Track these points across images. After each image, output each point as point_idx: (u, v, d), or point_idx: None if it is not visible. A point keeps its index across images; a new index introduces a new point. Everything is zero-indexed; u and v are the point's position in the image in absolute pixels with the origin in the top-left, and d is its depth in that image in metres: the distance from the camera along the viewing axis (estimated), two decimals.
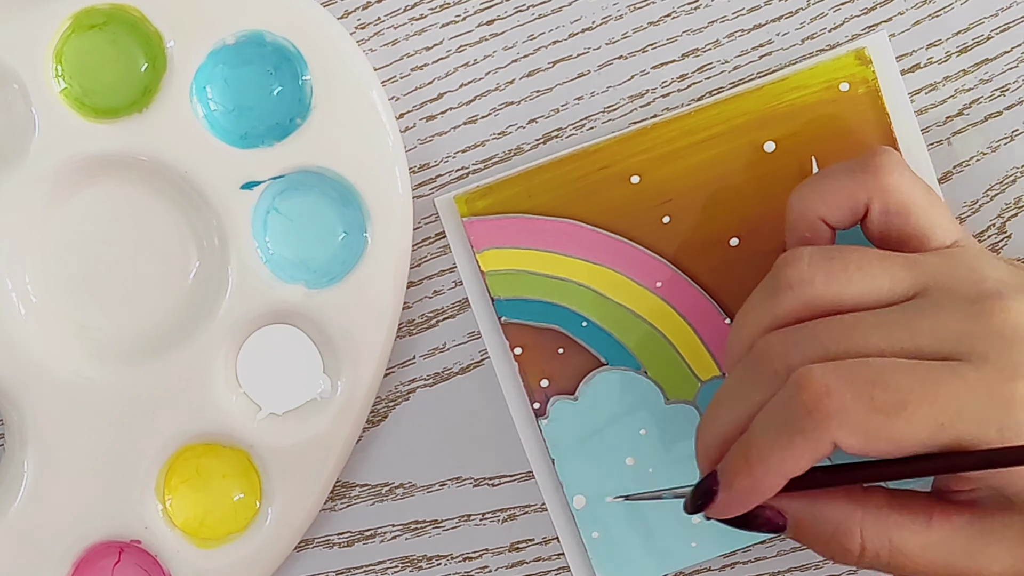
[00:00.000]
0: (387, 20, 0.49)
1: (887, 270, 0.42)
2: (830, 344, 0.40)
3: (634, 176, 0.48)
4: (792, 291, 0.42)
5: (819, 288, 0.42)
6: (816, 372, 0.39)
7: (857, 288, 0.41)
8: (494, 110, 0.49)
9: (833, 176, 0.44)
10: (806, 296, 0.42)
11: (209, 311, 0.48)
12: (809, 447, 0.39)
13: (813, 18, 0.49)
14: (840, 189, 0.43)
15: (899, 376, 0.39)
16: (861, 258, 0.42)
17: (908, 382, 0.39)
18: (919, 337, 0.40)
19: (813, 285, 0.42)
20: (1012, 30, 0.49)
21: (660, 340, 0.49)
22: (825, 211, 0.44)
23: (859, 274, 0.42)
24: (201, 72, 0.47)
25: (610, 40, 0.49)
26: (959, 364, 0.39)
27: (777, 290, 0.42)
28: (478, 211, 0.48)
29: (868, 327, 0.40)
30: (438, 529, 0.50)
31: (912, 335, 0.40)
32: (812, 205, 0.44)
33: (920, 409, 0.39)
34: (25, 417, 0.48)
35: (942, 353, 0.40)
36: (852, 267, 0.42)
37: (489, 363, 0.49)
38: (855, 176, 0.43)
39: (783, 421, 0.39)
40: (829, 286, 0.41)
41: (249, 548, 0.48)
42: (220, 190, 0.47)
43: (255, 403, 0.48)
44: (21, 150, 0.47)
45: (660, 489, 0.47)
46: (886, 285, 0.41)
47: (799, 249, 0.42)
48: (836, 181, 0.43)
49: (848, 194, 0.43)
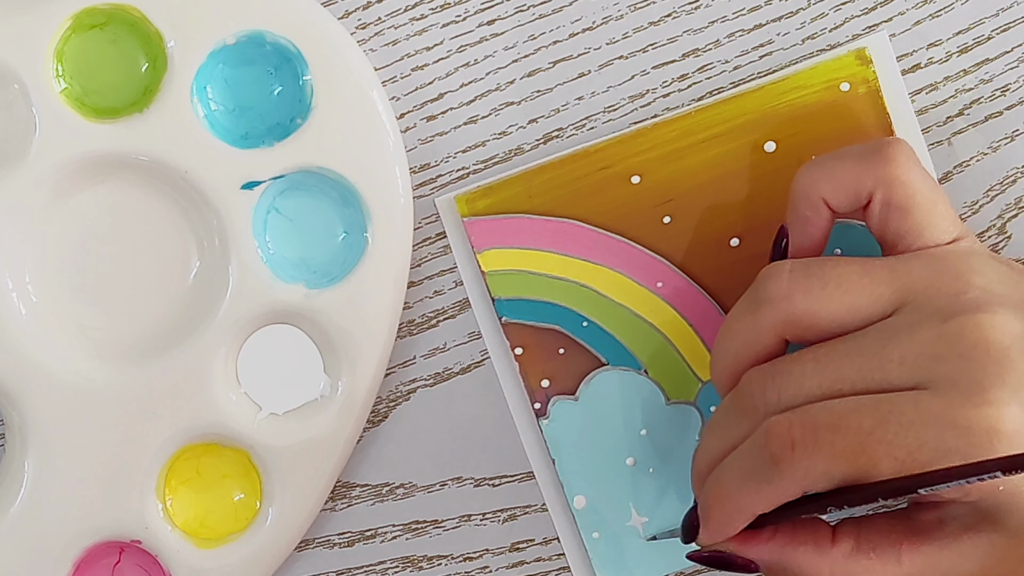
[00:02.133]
0: (387, 20, 0.49)
1: (867, 288, 0.42)
2: (804, 381, 0.41)
3: (635, 176, 0.48)
4: (771, 306, 0.42)
5: (798, 304, 0.42)
6: (783, 425, 0.40)
7: (836, 306, 0.42)
8: (495, 110, 0.49)
9: (842, 159, 0.44)
10: (784, 312, 0.42)
11: (209, 311, 0.48)
12: (776, 493, 0.41)
13: (814, 18, 0.49)
14: (848, 173, 0.43)
15: (859, 418, 0.40)
16: (841, 275, 0.42)
17: (868, 423, 0.40)
18: (888, 366, 0.40)
19: (791, 301, 0.42)
20: (1013, 30, 0.49)
21: (661, 340, 0.49)
22: (829, 192, 0.44)
23: (838, 292, 0.42)
24: (201, 72, 0.47)
25: (611, 40, 0.49)
26: (920, 394, 0.40)
27: (758, 304, 0.43)
28: (479, 211, 0.48)
29: (840, 361, 0.41)
30: (439, 529, 0.50)
31: (881, 365, 0.41)
32: (817, 184, 0.44)
33: (879, 449, 0.39)
34: (25, 417, 0.48)
35: (912, 381, 0.40)
36: (832, 285, 0.42)
37: (490, 363, 0.49)
38: (864, 162, 0.43)
39: (752, 468, 0.41)
40: (808, 303, 0.42)
41: (249, 548, 0.48)
42: (220, 190, 0.47)
43: (255, 403, 0.48)
44: (21, 150, 0.47)
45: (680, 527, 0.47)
46: (865, 303, 0.42)
47: (781, 263, 0.43)
48: (845, 164, 0.43)
49: (854, 179, 0.43)
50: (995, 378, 0.39)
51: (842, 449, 0.40)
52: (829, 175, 0.44)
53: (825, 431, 0.40)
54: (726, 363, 0.44)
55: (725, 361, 0.44)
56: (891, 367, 0.40)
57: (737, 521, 0.42)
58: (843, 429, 0.40)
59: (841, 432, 0.40)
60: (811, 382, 0.41)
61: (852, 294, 0.42)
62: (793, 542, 0.43)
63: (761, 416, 0.42)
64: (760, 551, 0.43)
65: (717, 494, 0.42)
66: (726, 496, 0.42)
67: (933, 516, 0.42)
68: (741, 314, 0.43)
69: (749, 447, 0.41)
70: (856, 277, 0.42)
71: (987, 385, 0.39)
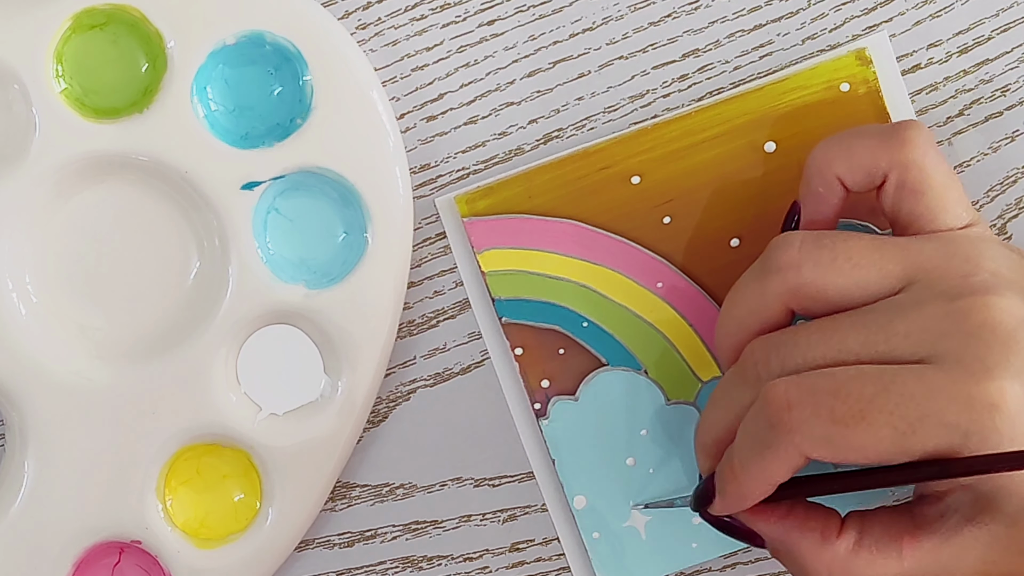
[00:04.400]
0: (388, 20, 0.49)
1: (876, 263, 0.42)
2: (808, 351, 0.41)
3: (635, 176, 0.48)
4: (780, 275, 0.42)
5: (806, 275, 0.42)
6: (780, 387, 0.40)
7: (844, 280, 0.42)
8: (495, 110, 0.49)
9: (861, 136, 0.44)
10: (792, 281, 0.42)
11: (209, 311, 0.48)
12: (780, 459, 0.40)
13: (814, 18, 0.49)
14: (865, 151, 0.43)
15: (860, 385, 0.39)
16: (852, 248, 0.42)
17: (870, 391, 0.39)
18: (894, 339, 0.40)
19: (800, 272, 0.42)
20: (1012, 30, 0.49)
21: (661, 340, 0.49)
22: (844, 170, 0.43)
23: (847, 265, 0.42)
24: (202, 72, 0.47)
25: (611, 40, 0.49)
26: (925, 368, 0.39)
27: (766, 272, 0.43)
28: (479, 211, 0.48)
29: (846, 331, 0.41)
30: (438, 529, 0.50)
31: (887, 338, 0.40)
32: (832, 162, 0.44)
33: (879, 418, 0.39)
34: (25, 417, 0.48)
35: (916, 356, 0.40)
36: (841, 258, 0.42)
37: (490, 363, 0.49)
38: (882, 142, 0.43)
39: (756, 434, 0.41)
40: (816, 274, 0.42)
41: (249, 549, 0.48)
42: (220, 190, 0.47)
43: (255, 403, 0.48)
44: (22, 150, 0.47)
45: (674, 497, 0.48)
46: (873, 278, 0.42)
47: (792, 233, 0.43)
48: (863, 142, 0.43)
49: (871, 158, 0.43)
50: (999, 357, 0.39)
51: (841, 415, 0.39)
52: (846, 153, 0.43)
53: (824, 395, 0.40)
54: (731, 331, 0.44)
55: (730, 328, 0.44)
56: (896, 340, 0.40)
57: (753, 492, 0.42)
58: (843, 394, 0.39)
59: (840, 397, 0.39)
60: (815, 352, 0.41)
61: (861, 268, 0.42)
62: (801, 527, 0.43)
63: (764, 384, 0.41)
64: (769, 528, 0.43)
65: (731, 464, 0.42)
66: (739, 466, 0.41)
67: (935, 509, 0.42)
68: (749, 281, 0.43)
69: (751, 416, 0.41)
70: (867, 252, 0.42)
71: (991, 363, 0.39)
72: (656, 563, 0.49)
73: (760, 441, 0.41)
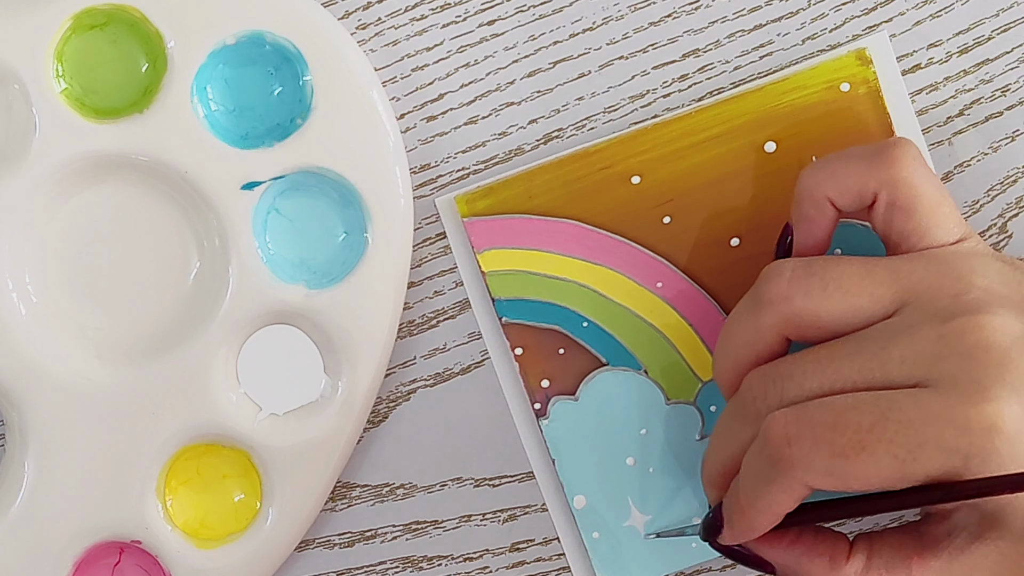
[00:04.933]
0: (388, 20, 0.49)
1: (867, 288, 0.42)
2: (805, 382, 0.41)
3: (635, 176, 0.48)
4: (772, 307, 0.42)
5: (798, 305, 0.42)
6: (779, 423, 0.40)
7: (836, 307, 0.42)
8: (495, 110, 0.49)
9: (847, 159, 0.44)
10: (785, 312, 0.42)
11: (209, 311, 0.48)
12: (784, 492, 0.41)
13: (814, 18, 0.49)
14: (852, 174, 0.43)
15: (859, 415, 0.40)
16: (842, 275, 0.42)
17: (868, 420, 0.39)
18: (889, 365, 0.40)
19: (792, 303, 0.42)
20: (1013, 30, 0.49)
21: (661, 340, 0.48)
22: (833, 192, 0.43)
23: (838, 294, 0.42)
24: (202, 72, 0.47)
25: (611, 40, 0.49)
26: (922, 392, 0.40)
27: (758, 305, 0.43)
28: (479, 211, 0.48)
29: (841, 361, 0.41)
30: (439, 530, 0.50)
31: (882, 364, 0.40)
32: (821, 184, 0.44)
33: (879, 447, 0.39)
34: (25, 417, 0.48)
35: (912, 380, 0.40)
36: (832, 286, 0.42)
37: (490, 363, 0.49)
38: (868, 164, 0.43)
39: (759, 470, 0.41)
40: (808, 304, 0.42)
41: (249, 548, 0.48)
42: (220, 190, 0.47)
43: (255, 403, 0.48)
44: (22, 150, 0.47)
45: (684, 526, 0.48)
46: (865, 304, 0.42)
47: (782, 263, 0.43)
48: (849, 166, 0.43)
49: (859, 180, 0.43)
50: (995, 377, 0.39)
51: (840, 448, 0.39)
52: (832, 177, 0.43)
53: (824, 428, 0.40)
54: (728, 364, 0.44)
55: (727, 362, 0.44)
56: (891, 366, 0.40)
57: (760, 523, 0.42)
58: (842, 426, 0.40)
59: (839, 430, 0.40)
60: (811, 383, 0.41)
61: (852, 295, 0.42)
62: (810, 553, 0.43)
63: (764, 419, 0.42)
64: (778, 555, 0.43)
65: (737, 498, 0.42)
66: (745, 500, 0.42)
67: (942, 528, 0.42)
68: (742, 315, 0.43)
69: (753, 452, 0.41)
70: (857, 278, 0.42)
71: (987, 384, 0.39)
72: (656, 563, 0.49)
73: (763, 476, 0.41)
